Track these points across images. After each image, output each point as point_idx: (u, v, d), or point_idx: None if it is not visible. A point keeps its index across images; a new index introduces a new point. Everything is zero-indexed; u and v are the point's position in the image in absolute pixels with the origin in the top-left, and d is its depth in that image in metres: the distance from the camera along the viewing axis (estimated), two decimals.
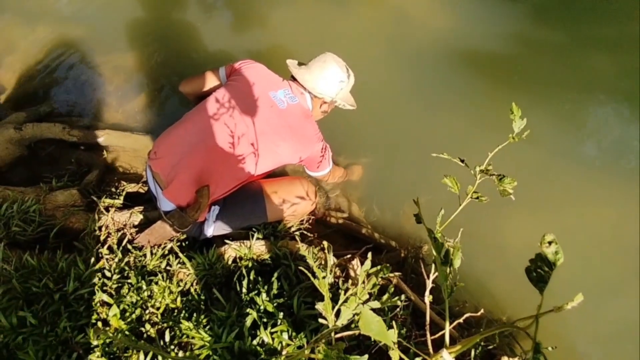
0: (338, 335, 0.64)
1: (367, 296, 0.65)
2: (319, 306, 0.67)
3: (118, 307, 1.34)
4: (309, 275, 0.71)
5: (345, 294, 0.67)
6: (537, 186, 2.07)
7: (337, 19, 2.71)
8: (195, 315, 1.34)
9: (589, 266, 1.92)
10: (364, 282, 0.65)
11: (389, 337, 0.49)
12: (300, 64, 1.76)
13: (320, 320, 0.62)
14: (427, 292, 1.07)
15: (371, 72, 2.36)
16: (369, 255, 0.88)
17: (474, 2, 2.68)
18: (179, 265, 1.55)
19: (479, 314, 1.19)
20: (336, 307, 0.66)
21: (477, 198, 1.05)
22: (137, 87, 2.57)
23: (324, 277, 0.68)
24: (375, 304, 0.66)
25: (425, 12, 2.65)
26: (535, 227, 2.01)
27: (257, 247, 1.59)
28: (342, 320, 0.63)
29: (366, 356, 0.63)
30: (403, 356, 0.55)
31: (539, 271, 0.56)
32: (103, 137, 2.24)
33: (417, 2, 2.71)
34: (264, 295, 1.35)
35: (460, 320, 1.29)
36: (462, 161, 1.05)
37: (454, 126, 2.20)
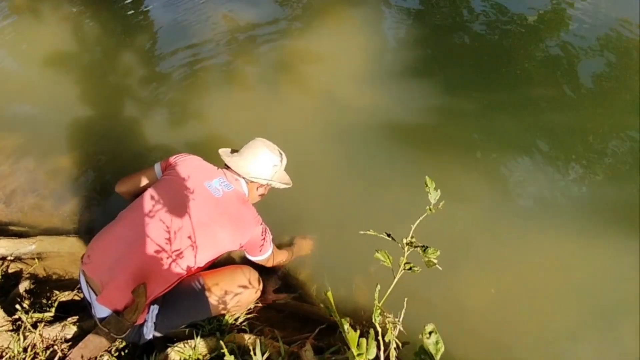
0: None
1: None
2: None
3: None
4: None
5: None
6: (479, 244, 2.15)
7: (271, 104, 2.87)
8: None
9: (545, 315, 1.96)
10: None
11: None
12: (233, 151, 1.82)
13: None
14: None
15: (307, 152, 2.48)
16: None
17: (393, 81, 2.96)
18: None
19: None
20: None
21: (410, 269, 1.08)
22: (75, 188, 2.52)
23: None
24: None
25: (351, 94, 2.89)
26: (487, 284, 2.05)
27: (202, 346, 1.51)
28: None
29: None
30: None
31: None
32: (35, 245, 2.13)
33: (343, 86, 2.95)
34: None
35: None
36: (389, 235, 1.10)
37: (390, 196, 2.30)
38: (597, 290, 2.00)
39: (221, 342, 1.42)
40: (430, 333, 0.59)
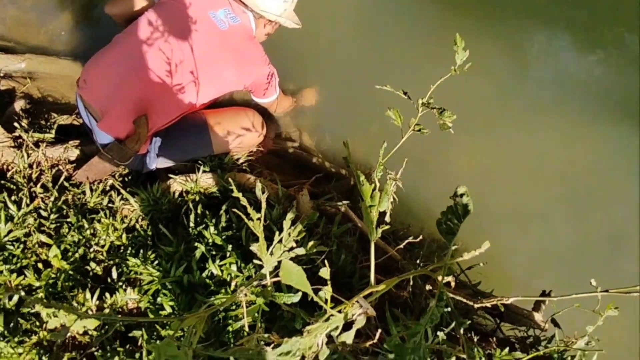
0: (271, 280, 0.65)
1: (293, 244, 0.65)
2: (254, 247, 0.67)
3: (58, 247, 1.30)
4: (243, 217, 0.70)
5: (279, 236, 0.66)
6: (482, 116, 2.11)
7: None
8: (142, 251, 1.33)
9: (523, 191, 2.06)
10: (289, 230, 0.65)
11: (308, 286, 0.50)
12: None
13: (256, 262, 0.62)
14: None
15: None
16: (305, 190, 0.87)
17: None
18: (122, 201, 1.50)
19: (417, 239, 1.26)
20: (271, 248, 0.66)
21: (419, 130, 1.05)
22: (60, 3, 2.26)
23: (258, 219, 0.67)
24: (300, 251, 0.67)
25: None
26: (479, 155, 2.09)
27: (204, 180, 1.56)
28: (268, 269, 0.64)
29: (299, 293, 0.65)
30: (334, 296, 0.57)
31: (449, 224, 0.58)
32: (24, 63, 2.01)
33: None
34: (212, 228, 1.35)
35: (401, 246, 1.37)
36: (405, 94, 1.03)
37: (405, 57, 2.15)
38: (577, 178, 2.06)
39: (229, 179, 1.46)
40: (461, 195, 0.58)
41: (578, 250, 1.96)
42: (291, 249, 0.64)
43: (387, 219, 1.02)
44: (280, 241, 0.65)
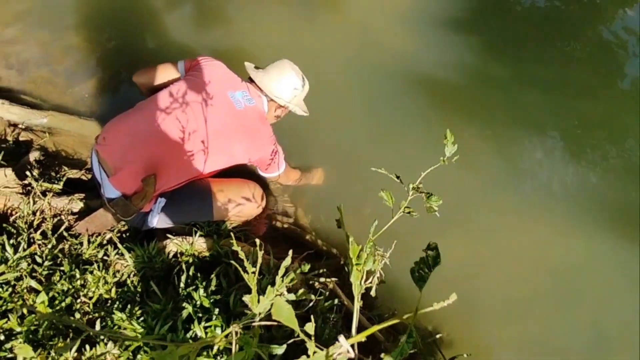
0: (259, 323, 0.69)
1: (285, 289, 0.71)
2: (246, 298, 0.72)
3: (47, 294, 1.30)
4: (240, 270, 0.76)
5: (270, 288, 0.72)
6: (473, 209, 2.23)
7: (301, 27, 2.77)
8: (129, 306, 1.34)
9: (511, 283, 2.10)
10: (282, 276, 0.71)
11: (296, 323, 0.55)
12: (256, 67, 1.81)
13: (246, 311, 0.67)
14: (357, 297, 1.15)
15: (328, 83, 2.44)
16: (290, 253, 0.93)
17: (432, 30, 2.85)
18: (117, 256, 1.53)
19: (397, 320, 1.28)
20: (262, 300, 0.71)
21: (409, 213, 1.14)
22: (88, 70, 2.49)
23: (253, 272, 0.73)
24: (291, 297, 0.72)
25: (386, 32, 2.79)
26: (471, 246, 2.16)
27: (199, 244, 1.61)
28: (260, 309, 0.69)
29: (284, 346, 0.69)
30: (316, 346, 0.61)
31: (420, 272, 0.66)
32: (47, 119, 2.15)
33: (380, 22, 2.84)
34: (201, 290, 1.37)
35: (383, 326, 1.38)
36: (398, 178, 1.15)
37: (402, 146, 2.32)
38: (564, 276, 2.12)
39: (223, 245, 1.52)
40: (433, 249, 0.66)
41: (564, 349, 1.95)
42: (282, 293, 0.69)
43: (373, 293, 1.07)
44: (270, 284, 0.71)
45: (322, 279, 1.68)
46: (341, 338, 0.57)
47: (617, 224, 2.27)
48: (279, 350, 0.72)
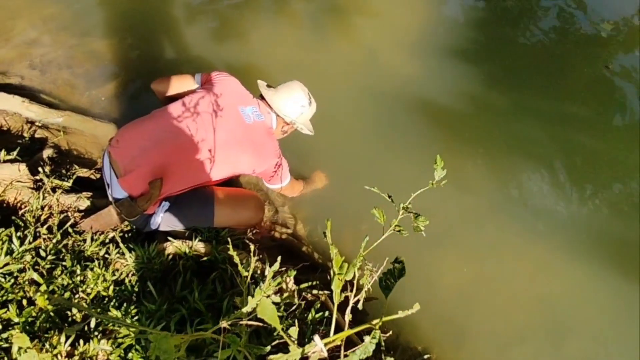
0: (246, 322, 0.73)
1: (272, 292, 0.75)
2: (238, 300, 0.76)
3: (47, 287, 1.35)
4: (235, 274, 0.80)
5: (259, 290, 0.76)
6: (468, 233, 2.25)
7: (313, 49, 2.87)
8: (125, 305, 1.38)
9: (503, 311, 2.11)
10: (270, 280, 0.75)
11: (278, 321, 0.59)
12: (268, 86, 1.88)
13: (236, 311, 0.71)
14: (347, 310, 1.18)
15: (335, 103, 2.51)
16: (278, 259, 0.97)
17: (438, 58, 2.93)
18: (118, 255, 1.58)
19: (366, 326, 1.31)
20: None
21: (399, 231, 1.18)
22: (108, 75, 2.59)
23: (245, 276, 0.78)
24: (276, 299, 0.76)
25: (394, 58, 2.87)
26: (464, 271, 2.18)
27: (198, 248, 1.65)
28: (248, 309, 0.73)
29: (268, 347, 0.72)
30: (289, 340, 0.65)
31: (387, 282, 0.71)
32: (63, 118, 2.24)
33: (389, 48, 2.93)
34: (196, 294, 1.41)
35: (356, 330, 1.41)
36: (389, 197, 1.19)
37: (403, 167, 2.37)
38: (556, 306, 2.12)
39: (215, 250, 1.56)
40: (399, 262, 0.70)
41: None
42: (269, 296, 0.73)
43: (360, 306, 1.11)
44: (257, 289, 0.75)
45: (314, 291, 1.71)
46: (316, 337, 0.61)
47: (615, 258, 2.27)
48: (264, 350, 0.75)
